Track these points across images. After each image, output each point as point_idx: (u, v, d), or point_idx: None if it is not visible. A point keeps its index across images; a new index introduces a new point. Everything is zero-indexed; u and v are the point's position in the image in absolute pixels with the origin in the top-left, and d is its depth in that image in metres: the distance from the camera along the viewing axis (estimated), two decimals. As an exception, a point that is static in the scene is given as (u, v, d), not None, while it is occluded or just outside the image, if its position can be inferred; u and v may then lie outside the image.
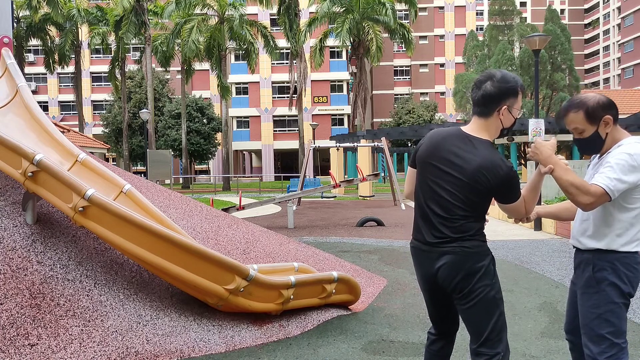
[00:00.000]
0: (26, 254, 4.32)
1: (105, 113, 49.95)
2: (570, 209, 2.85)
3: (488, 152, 2.38)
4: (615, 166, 2.42)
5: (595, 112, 2.52)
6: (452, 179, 2.41)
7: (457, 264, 2.46)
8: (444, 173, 2.44)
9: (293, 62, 37.09)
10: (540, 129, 12.25)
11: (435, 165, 2.48)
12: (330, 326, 4.99)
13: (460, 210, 2.43)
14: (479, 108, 2.45)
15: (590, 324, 2.53)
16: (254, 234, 6.32)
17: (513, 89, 2.41)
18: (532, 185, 2.56)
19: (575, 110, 2.55)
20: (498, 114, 2.42)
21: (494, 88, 2.40)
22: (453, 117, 51.56)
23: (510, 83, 2.40)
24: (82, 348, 3.91)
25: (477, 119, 2.47)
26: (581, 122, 2.55)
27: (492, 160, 2.35)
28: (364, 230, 12.85)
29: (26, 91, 5.41)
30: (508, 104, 2.42)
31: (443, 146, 2.46)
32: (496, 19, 30.79)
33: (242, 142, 55.65)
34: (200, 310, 4.64)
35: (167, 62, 39.90)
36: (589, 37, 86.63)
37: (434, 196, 2.50)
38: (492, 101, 2.41)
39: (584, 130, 2.55)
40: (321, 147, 25.07)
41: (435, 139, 2.52)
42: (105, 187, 4.74)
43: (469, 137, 2.44)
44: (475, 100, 2.44)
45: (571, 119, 2.58)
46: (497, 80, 2.40)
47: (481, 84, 2.43)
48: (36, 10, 35.56)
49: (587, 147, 2.61)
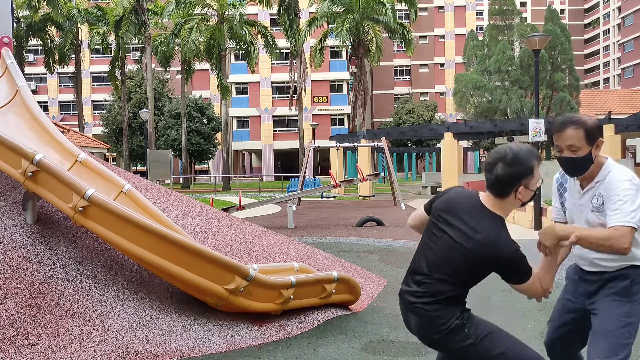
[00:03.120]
0: (26, 254, 4.32)
1: (105, 113, 49.96)
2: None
3: (495, 230, 2.25)
4: (626, 198, 2.38)
5: (593, 133, 2.48)
6: (452, 242, 2.30)
7: (422, 324, 2.36)
8: (446, 233, 2.34)
9: (293, 62, 37.09)
10: (540, 129, 12.26)
11: (443, 221, 2.38)
12: (330, 326, 4.99)
13: (446, 274, 2.30)
14: (494, 190, 2.31)
15: (617, 331, 2.49)
16: (254, 234, 6.32)
17: (529, 168, 2.26)
18: (548, 265, 2.41)
19: (575, 127, 2.47)
20: (515, 194, 2.29)
21: (506, 172, 2.25)
22: (453, 117, 51.54)
23: (524, 163, 2.25)
24: (82, 348, 3.91)
25: (492, 197, 2.33)
26: (579, 140, 2.47)
27: (497, 240, 2.23)
28: (364, 230, 12.85)
29: (26, 91, 5.41)
30: (524, 183, 2.28)
31: (457, 207, 2.36)
32: (496, 19, 30.75)
33: (242, 142, 55.64)
34: (200, 310, 4.64)
35: (167, 62, 39.91)
36: (589, 37, 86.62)
37: (429, 249, 2.40)
38: (507, 185, 2.27)
39: (580, 149, 2.48)
40: (321, 147, 25.08)
41: (453, 197, 2.42)
42: (105, 187, 4.74)
43: (484, 208, 2.32)
44: (489, 183, 2.31)
45: (570, 135, 2.48)
46: (509, 163, 2.24)
47: (492, 166, 2.28)
48: (36, 10, 35.58)
49: (577, 167, 2.53)
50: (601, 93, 45.98)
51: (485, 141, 37.39)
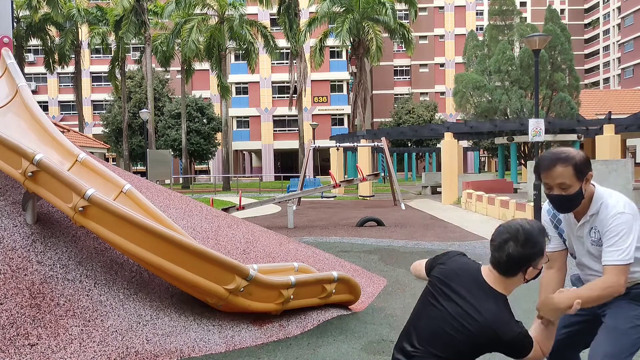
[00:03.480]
0: (26, 254, 4.32)
1: (105, 113, 49.96)
2: (550, 286, 2.71)
3: (498, 311, 2.12)
4: (621, 232, 2.37)
5: (582, 168, 2.39)
6: (450, 318, 2.17)
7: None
8: (445, 307, 2.21)
9: (293, 62, 37.09)
10: (540, 129, 12.26)
11: (442, 293, 2.25)
12: (330, 326, 4.99)
13: (440, 349, 2.18)
14: (501, 269, 2.17)
15: (629, 331, 2.49)
16: (254, 234, 6.32)
17: (540, 250, 2.15)
18: (549, 333, 2.34)
19: (563, 164, 2.38)
20: (523, 274, 2.18)
21: (519, 253, 2.12)
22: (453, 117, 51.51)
23: (537, 245, 2.13)
24: (82, 348, 3.91)
25: (497, 274, 2.19)
26: (569, 178, 2.38)
27: (500, 323, 2.10)
28: (364, 230, 12.85)
29: (26, 91, 5.41)
30: (534, 264, 2.17)
31: (457, 281, 2.23)
32: (496, 19, 30.71)
33: (242, 142, 55.64)
34: (200, 310, 4.64)
35: (167, 62, 39.90)
36: (589, 37, 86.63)
37: (424, 319, 2.27)
38: (517, 266, 2.15)
39: (571, 186, 2.39)
40: (321, 147, 25.07)
41: (453, 270, 2.28)
42: (105, 187, 4.74)
43: (485, 285, 2.18)
44: (497, 262, 2.17)
45: (559, 173, 2.38)
46: (522, 244, 2.11)
47: (503, 245, 2.13)
48: (36, 10, 35.56)
49: (569, 204, 2.45)
50: (601, 93, 45.98)
51: (485, 141, 37.38)
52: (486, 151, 44.53)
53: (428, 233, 12.21)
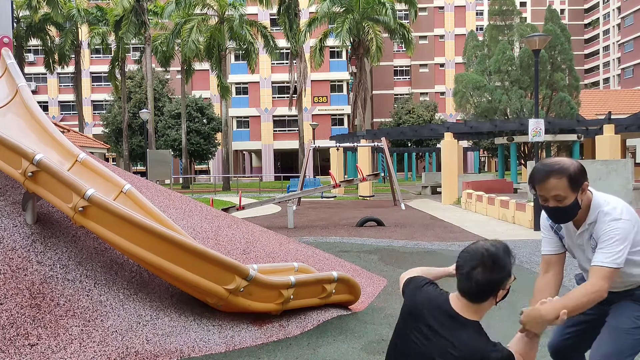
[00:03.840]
0: (26, 254, 4.32)
1: (105, 113, 49.97)
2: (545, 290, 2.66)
3: (473, 340, 2.04)
4: (617, 236, 2.34)
5: (577, 179, 2.35)
6: (425, 353, 2.10)
7: None
8: (417, 342, 2.13)
9: (293, 62, 37.09)
10: (540, 129, 12.26)
11: (413, 327, 2.17)
12: (330, 326, 4.99)
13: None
14: (472, 297, 2.08)
15: (631, 331, 2.49)
16: (254, 234, 6.32)
17: (509, 272, 2.07)
18: (533, 344, 2.25)
19: (557, 176, 2.33)
20: (494, 298, 2.08)
21: (487, 279, 2.03)
22: (453, 117, 51.51)
23: (505, 267, 2.05)
24: (82, 348, 3.91)
25: (466, 301, 2.09)
26: (564, 190, 2.34)
27: (477, 353, 2.01)
28: (364, 230, 12.85)
29: (26, 91, 5.41)
30: (503, 286, 2.07)
31: (426, 314, 2.14)
32: (496, 19, 30.70)
33: (242, 142, 55.63)
34: (200, 310, 4.64)
35: (167, 62, 39.91)
36: (589, 37, 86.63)
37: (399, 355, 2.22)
38: (488, 292, 2.06)
39: (566, 198, 2.35)
40: (321, 147, 25.08)
41: (420, 303, 2.19)
42: (105, 187, 4.74)
43: (456, 316, 2.08)
44: (465, 290, 2.07)
45: (553, 185, 2.34)
46: (490, 270, 2.02)
47: (471, 273, 2.04)
48: (36, 10, 35.56)
49: (565, 216, 2.43)
50: (601, 93, 45.97)
51: (485, 141, 37.38)
52: (486, 151, 44.52)
53: (428, 233, 12.21)
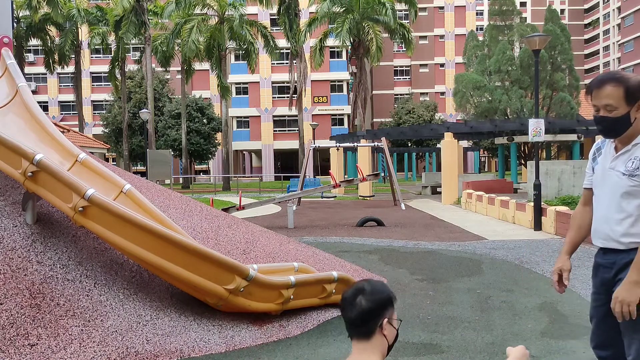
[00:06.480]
0: (26, 254, 4.32)
1: (105, 113, 49.97)
2: (582, 225, 2.61)
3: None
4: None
5: (635, 93, 2.26)
6: None
7: None
8: None
9: (293, 62, 37.09)
10: (540, 129, 12.26)
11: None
12: (330, 326, 4.99)
13: None
14: (358, 329, 2.03)
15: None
16: (254, 234, 6.32)
17: (388, 297, 2.04)
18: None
19: (614, 84, 2.27)
20: (381, 330, 2.02)
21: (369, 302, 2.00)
22: (453, 117, 51.49)
23: (384, 292, 2.02)
24: (82, 348, 3.91)
25: (359, 344, 2.05)
26: (617, 99, 2.27)
27: None
28: (364, 230, 12.85)
29: (26, 91, 5.42)
30: (387, 315, 2.03)
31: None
32: (496, 19, 30.69)
33: (242, 142, 55.64)
34: (200, 310, 4.64)
35: (167, 62, 39.90)
36: (589, 37, 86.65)
37: None
38: (372, 317, 2.02)
39: (617, 108, 2.27)
40: (321, 147, 25.08)
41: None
42: (105, 187, 4.74)
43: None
44: (352, 322, 2.02)
45: (608, 92, 2.28)
46: (369, 293, 2.01)
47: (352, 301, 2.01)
48: (36, 10, 35.55)
49: (612, 128, 2.33)
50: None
51: (485, 141, 37.37)
52: (486, 151, 44.51)
53: (428, 233, 12.21)
